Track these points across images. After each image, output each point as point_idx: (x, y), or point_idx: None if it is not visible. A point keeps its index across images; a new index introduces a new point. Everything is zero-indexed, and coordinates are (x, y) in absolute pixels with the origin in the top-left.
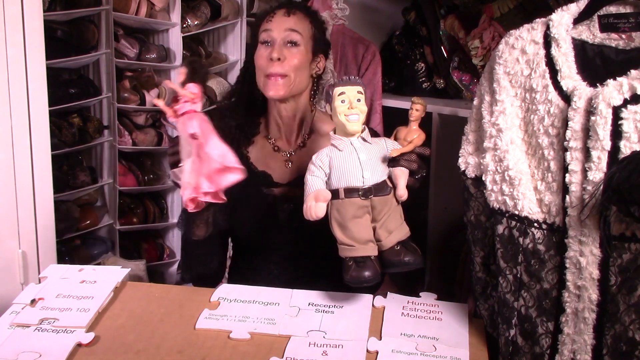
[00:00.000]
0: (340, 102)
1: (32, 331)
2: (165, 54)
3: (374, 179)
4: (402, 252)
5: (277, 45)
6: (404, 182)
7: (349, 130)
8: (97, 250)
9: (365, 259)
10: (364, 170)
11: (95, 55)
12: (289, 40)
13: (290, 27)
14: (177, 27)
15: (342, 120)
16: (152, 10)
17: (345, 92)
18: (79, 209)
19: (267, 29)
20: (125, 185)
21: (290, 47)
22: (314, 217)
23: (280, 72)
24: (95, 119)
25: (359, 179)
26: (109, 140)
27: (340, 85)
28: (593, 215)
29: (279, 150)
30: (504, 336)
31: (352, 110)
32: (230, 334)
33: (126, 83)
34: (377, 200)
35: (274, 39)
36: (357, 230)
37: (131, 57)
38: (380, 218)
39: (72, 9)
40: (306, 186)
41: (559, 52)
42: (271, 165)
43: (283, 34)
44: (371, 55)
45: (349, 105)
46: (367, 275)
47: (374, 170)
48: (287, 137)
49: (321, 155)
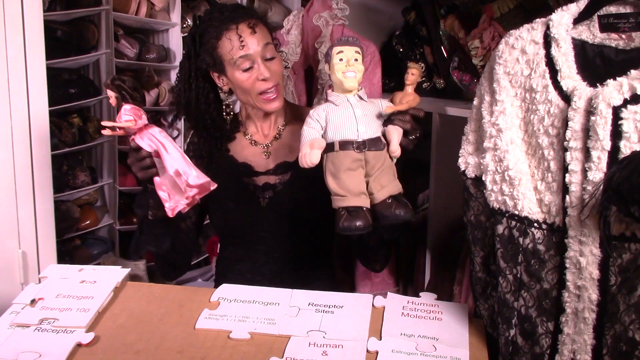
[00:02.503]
0: (339, 60)
1: (32, 331)
2: (165, 54)
3: (368, 133)
4: (394, 204)
5: (261, 65)
6: (397, 139)
7: (346, 86)
8: (97, 250)
9: (357, 209)
10: (358, 124)
11: (95, 55)
12: (267, 57)
13: (264, 43)
14: (177, 27)
15: (340, 77)
16: (152, 10)
17: (343, 51)
18: (79, 209)
19: (245, 54)
20: (125, 185)
21: (269, 61)
22: (309, 164)
23: (273, 84)
24: (95, 119)
25: (353, 132)
26: (109, 140)
27: (339, 45)
28: (593, 215)
29: (256, 144)
30: (504, 336)
31: (349, 68)
32: (230, 334)
33: None
34: (371, 154)
35: (254, 60)
36: (350, 182)
37: (131, 57)
38: (373, 173)
39: (72, 9)
40: (302, 136)
41: (559, 52)
42: (250, 158)
43: (261, 52)
44: (371, 56)
45: (346, 63)
46: (359, 224)
47: (368, 125)
48: (262, 131)
49: (318, 110)
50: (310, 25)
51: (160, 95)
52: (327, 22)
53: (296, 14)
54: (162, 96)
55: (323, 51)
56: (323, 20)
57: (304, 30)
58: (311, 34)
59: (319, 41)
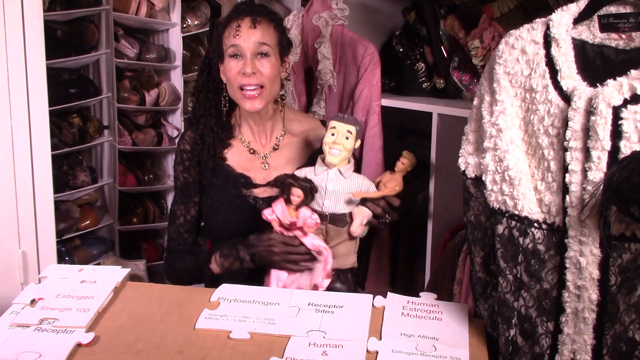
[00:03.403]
0: (330, 134)
1: (32, 331)
2: (165, 54)
3: (333, 208)
4: (335, 278)
5: (248, 59)
6: (359, 221)
7: (327, 160)
8: (97, 250)
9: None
10: (325, 198)
11: (95, 55)
12: (259, 52)
13: (258, 41)
14: (177, 27)
15: (325, 150)
16: (152, 10)
17: (336, 127)
18: (79, 209)
19: (235, 44)
20: (125, 185)
21: (261, 59)
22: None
23: (255, 82)
24: (95, 119)
25: (319, 204)
26: (109, 140)
27: (334, 120)
28: (593, 215)
29: (254, 152)
30: (504, 336)
31: (336, 145)
32: (230, 334)
33: (126, 83)
34: (331, 227)
35: (243, 53)
36: None
37: (131, 57)
38: (330, 243)
39: (72, 9)
40: None
41: (559, 52)
42: (249, 168)
43: (252, 47)
44: (370, 57)
45: (335, 139)
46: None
47: (336, 201)
48: (259, 139)
49: (303, 171)
50: (310, 25)
51: (160, 95)
52: (327, 22)
53: (296, 13)
54: (162, 96)
55: (323, 51)
56: (323, 20)
57: (304, 30)
58: (311, 33)
59: (319, 41)
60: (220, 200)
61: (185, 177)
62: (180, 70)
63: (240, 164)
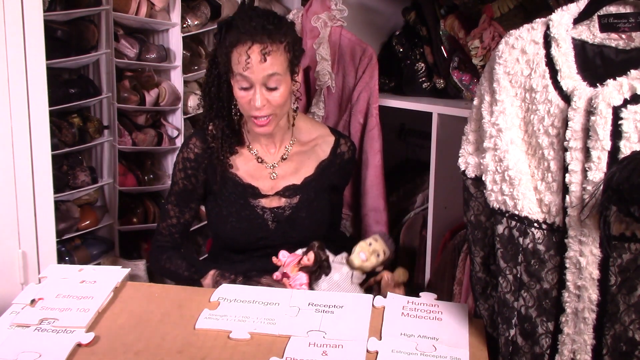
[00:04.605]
0: (368, 243)
1: (32, 331)
2: (165, 54)
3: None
4: None
5: (257, 92)
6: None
7: (351, 257)
8: (97, 250)
9: None
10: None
11: (95, 55)
12: (269, 87)
13: (268, 73)
14: (177, 27)
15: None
16: (152, 10)
17: (377, 241)
18: (79, 209)
19: (245, 75)
20: (125, 185)
21: (271, 91)
22: None
23: (265, 113)
24: (95, 119)
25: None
26: (109, 140)
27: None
28: (593, 215)
29: (262, 161)
30: (504, 336)
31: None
32: (230, 334)
33: (126, 83)
34: None
35: (253, 84)
36: None
37: (131, 57)
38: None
39: (72, 9)
40: None
41: (559, 52)
42: (257, 177)
43: (262, 79)
44: (368, 59)
45: (370, 249)
46: None
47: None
48: (268, 148)
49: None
50: (309, 26)
51: (160, 95)
52: (326, 23)
53: (295, 13)
54: (162, 96)
55: (321, 52)
56: (321, 21)
57: (303, 31)
58: (310, 34)
59: (317, 42)
60: (228, 210)
61: (185, 184)
62: (180, 70)
63: (248, 173)
